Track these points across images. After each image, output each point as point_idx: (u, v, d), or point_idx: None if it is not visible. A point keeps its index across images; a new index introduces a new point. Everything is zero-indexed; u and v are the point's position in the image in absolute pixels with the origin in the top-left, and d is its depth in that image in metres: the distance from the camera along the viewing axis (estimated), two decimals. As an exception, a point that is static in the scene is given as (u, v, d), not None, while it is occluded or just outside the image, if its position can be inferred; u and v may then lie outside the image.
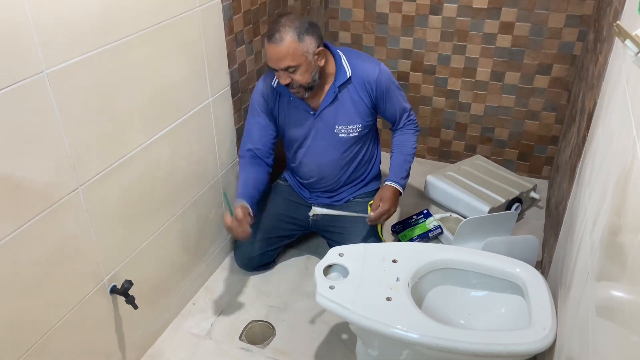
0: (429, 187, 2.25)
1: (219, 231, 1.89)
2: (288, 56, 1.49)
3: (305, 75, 1.54)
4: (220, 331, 1.68)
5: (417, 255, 1.42)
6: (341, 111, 1.68)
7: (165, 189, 1.53)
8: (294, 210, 1.85)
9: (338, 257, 1.43)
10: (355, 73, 1.63)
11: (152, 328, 1.62)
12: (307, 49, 1.51)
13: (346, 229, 1.77)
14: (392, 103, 1.72)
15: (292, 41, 1.48)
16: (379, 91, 1.67)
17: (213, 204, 1.80)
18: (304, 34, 1.49)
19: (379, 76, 1.64)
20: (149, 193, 1.46)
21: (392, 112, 1.75)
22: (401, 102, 1.75)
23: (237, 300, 1.78)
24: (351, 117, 1.69)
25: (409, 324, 1.21)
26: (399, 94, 1.74)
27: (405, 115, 1.78)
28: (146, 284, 1.53)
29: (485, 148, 2.48)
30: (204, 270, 1.85)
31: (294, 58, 1.50)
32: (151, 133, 1.42)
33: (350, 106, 1.67)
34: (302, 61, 1.51)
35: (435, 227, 2.02)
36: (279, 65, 1.52)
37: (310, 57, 1.52)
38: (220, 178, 1.80)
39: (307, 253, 2.00)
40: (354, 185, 1.84)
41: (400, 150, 1.78)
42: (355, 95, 1.67)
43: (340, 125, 1.70)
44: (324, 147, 1.74)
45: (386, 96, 1.69)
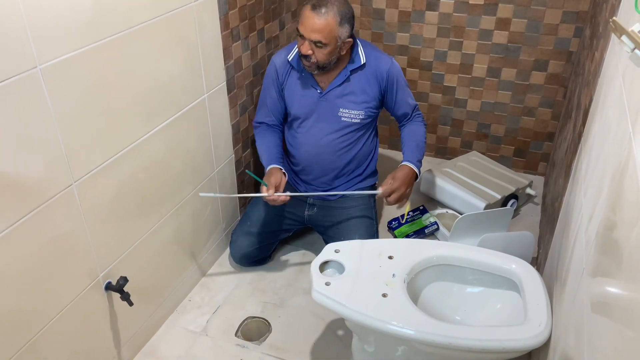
0: (425, 183, 2.25)
1: (215, 227, 1.89)
2: (324, 32, 1.52)
3: (328, 56, 1.58)
4: (216, 328, 1.67)
5: (413, 252, 1.42)
6: (348, 95, 1.70)
7: (160, 185, 1.52)
8: (290, 204, 1.85)
9: (334, 253, 1.42)
10: (369, 62, 1.67)
11: (147, 324, 1.61)
12: (341, 35, 1.54)
13: (342, 224, 1.77)
14: (402, 96, 1.76)
15: (333, 20, 1.51)
16: (389, 83, 1.70)
17: (209, 200, 1.80)
18: (345, 19, 1.53)
19: (390, 68, 1.68)
20: (144, 189, 1.45)
21: (401, 105, 1.77)
22: (410, 97, 1.80)
23: (233, 296, 1.78)
24: (357, 103, 1.71)
25: (405, 320, 1.21)
26: (408, 90, 1.78)
27: (414, 109, 1.82)
28: (141, 280, 1.52)
29: (482, 144, 2.48)
30: (200, 266, 1.85)
31: (327, 36, 1.53)
32: (146, 129, 1.41)
33: (359, 92, 1.70)
34: (332, 43, 1.55)
35: (431, 223, 2.02)
36: (311, 36, 1.54)
37: (339, 43, 1.56)
38: (216, 174, 1.80)
39: (303, 249, 2.00)
40: (349, 180, 1.83)
41: (412, 138, 1.79)
42: (365, 82, 1.69)
43: (344, 108, 1.72)
44: (324, 128, 1.75)
45: (396, 89, 1.72)
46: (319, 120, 1.75)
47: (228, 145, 1.84)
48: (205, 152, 1.71)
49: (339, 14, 1.52)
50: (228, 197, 1.89)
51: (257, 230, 1.82)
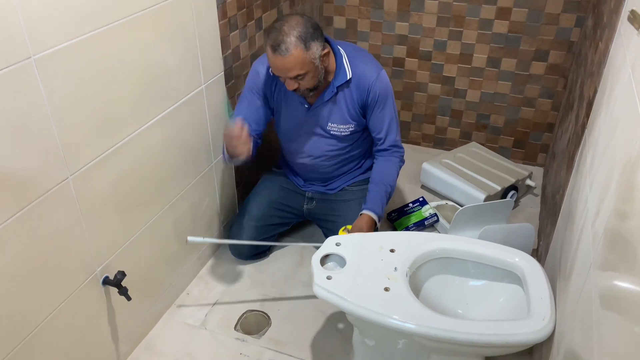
0: (424, 174, 2.23)
1: (213, 220, 1.86)
2: (297, 66, 1.43)
3: (313, 79, 1.51)
4: (214, 321, 1.66)
5: (415, 245, 1.40)
6: (335, 111, 1.63)
7: (157, 178, 1.49)
8: (288, 197, 1.83)
9: (335, 246, 1.41)
10: (355, 75, 1.57)
11: (145, 319, 1.60)
12: (314, 55, 1.45)
13: (342, 217, 1.75)
14: (380, 115, 1.63)
15: (299, 51, 1.41)
16: (371, 98, 1.60)
17: (206, 193, 1.77)
18: (309, 40, 1.42)
19: (375, 82, 1.58)
20: (141, 182, 1.43)
21: (377, 125, 1.65)
22: (391, 120, 1.65)
23: (231, 289, 1.76)
24: (344, 118, 1.64)
25: (407, 315, 1.19)
26: (391, 111, 1.64)
27: (392, 139, 1.67)
28: (139, 274, 1.50)
29: (481, 135, 2.46)
30: (198, 259, 1.83)
31: (302, 67, 1.44)
32: (143, 120, 1.38)
33: (344, 108, 1.62)
34: (310, 68, 1.46)
35: (431, 215, 2.01)
36: (287, 75, 1.47)
37: (317, 62, 1.47)
38: (214, 166, 1.77)
39: (302, 241, 1.98)
40: (349, 173, 1.81)
41: (382, 179, 1.67)
42: (350, 97, 1.60)
43: (333, 123, 1.66)
44: (315, 141, 1.71)
45: (376, 105, 1.61)
46: (309, 133, 1.70)
47: (226, 136, 1.81)
48: (203, 144, 1.69)
49: (301, 40, 1.40)
50: (216, 242, 1.88)
51: (255, 224, 1.80)
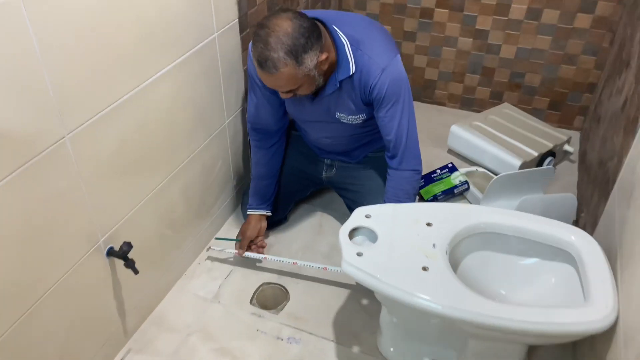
0: (453, 138, 2.06)
1: (225, 184, 1.71)
2: (288, 83, 1.22)
3: (309, 88, 1.29)
4: (228, 294, 1.53)
5: (455, 218, 1.25)
6: (341, 103, 1.41)
7: (165, 138, 1.33)
8: (307, 164, 1.67)
9: (365, 219, 1.26)
10: (358, 69, 1.30)
11: (154, 290, 1.47)
12: (308, 67, 1.20)
13: (365, 187, 1.59)
14: (388, 115, 1.34)
15: (289, 68, 1.17)
16: (375, 97, 1.33)
17: (219, 155, 1.62)
18: (301, 54, 1.17)
19: (379, 79, 1.29)
20: (147, 142, 1.27)
21: (385, 125, 1.36)
22: (401, 120, 1.35)
23: (246, 260, 1.63)
24: (351, 110, 1.42)
25: (452, 299, 1.05)
26: (403, 110, 1.34)
27: (403, 143, 1.38)
28: (147, 244, 1.37)
29: (513, 95, 2.27)
30: (210, 226, 1.69)
31: (294, 82, 1.22)
32: (149, 73, 1.21)
33: (349, 102, 1.40)
34: (304, 80, 1.23)
35: (461, 182, 1.85)
36: (279, 89, 1.27)
37: (312, 73, 1.22)
38: (227, 126, 1.61)
39: (320, 209, 1.83)
40: (373, 143, 1.61)
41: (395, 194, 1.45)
42: (354, 93, 1.35)
43: (340, 113, 1.44)
44: (329, 126, 1.51)
45: (382, 104, 1.33)
46: (320, 121, 1.50)
47: (239, 93, 1.64)
48: (215, 100, 1.51)
49: (291, 55, 1.16)
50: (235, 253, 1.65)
51: (272, 190, 1.65)
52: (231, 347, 1.39)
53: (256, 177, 1.60)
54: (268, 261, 1.60)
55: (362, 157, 1.64)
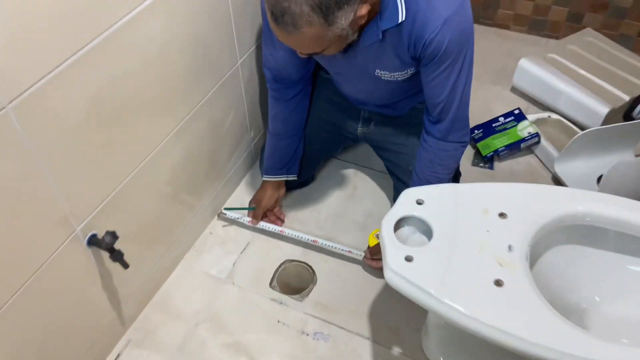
0: (521, 74, 1.67)
1: (241, 138, 1.42)
2: (311, 45, 0.88)
3: (340, 47, 0.94)
4: (245, 273, 1.29)
5: (538, 205, 0.94)
6: (383, 58, 1.05)
7: (160, 87, 1.02)
8: (339, 116, 1.34)
9: (415, 205, 0.95)
10: (410, 17, 0.93)
11: (157, 270, 1.24)
12: (341, 27, 0.85)
13: (410, 147, 1.26)
14: (440, 78, 1.02)
15: (315, 29, 0.83)
16: (429, 54, 0.97)
17: (231, 104, 1.30)
18: (334, 10, 0.81)
19: (438, 33, 0.93)
20: (135, 95, 0.96)
21: (434, 89, 1.05)
22: (455, 85, 1.03)
23: (265, 231, 1.37)
24: (396, 66, 1.06)
25: (542, 334, 0.77)
26: (460, 74, 1.01)
27: (453, 113, 1.07)
28: (142, 222, 1.11)
29: (596, 18, 1.82)
30: (223, 188, 1.41)
31: (320, 44, 0.89)
32: (126, 6, 0.88)
33: (394, 56, 1.03)
34: (333, 41, 0.89)
35: (530, 134, 1.50)
36: (296, 49, 0.92)
37: (346, 31, 0.87)
38: (240, 66, 1.27)
39: (354, 166, 1.53)
40: (419, 93, 1.20)
41: (426, 178, 1.16)
42: (400, 46, 0.99)
43: (381, 70, 1.08)
44: (365, 82, 1.16)
45: (434, 64, 0.99)
46: (354, 76, 1.16)
47: (256, 22, 1.29)
48: (223, 35, 1.17)
49: (318, 12, 0.80)
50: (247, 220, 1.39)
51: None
52: (246, 341, 1.17)
53: (274, 135, 1.29)
54: (285, 235, 1.34)
55: (408, 109, 1.29)
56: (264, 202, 1.34)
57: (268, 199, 1.34)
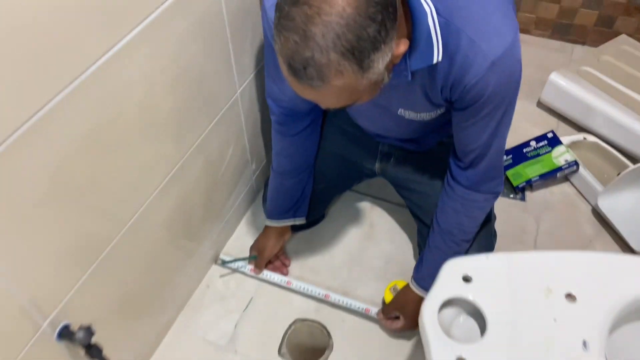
0: (550, 90, 1.49)
1: (241, 173, 1.23)
2: (342, 97, 0.68)
3: (372, 95, 0.73)
4: (248, 338, 1.11)
5: (612, 281, 0.77)
6: (409, 99, 0.87)
7: (144, 136, 0.83)
8: (354, 150, 1.16)
9: (462, 283, 0.78)
10: (447, 56, 0.74)
11: (145, 343, 1.06)
12: (379, 69, 0.65)
13: (436, 187, 1.08)
14: (478, 126, 0.85)
15: (347, 79, 0.63)
16: (468, 101, 0.80)
17: (230, 138, 1.11)
18: (369, 53, 0.61)
19: (481, 79, 0.75)
20: (113, 152, 0.77)
21: (467, 137, 0.88)
22: (493, 135, 0.86)
23: (271, 283, 1.19)
24: (423, 107, 0.89)
25: None
26: (500, 124, 0.85)
27: (487, 164, 0.91)
28: (124, 295, 0.93)
29: (629, 22, 1.65)
30: (221, 232, 1.23)
31: (352, 95, 0.68)
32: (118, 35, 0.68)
33: (424, 98, 0.85)
34: (367, 89, 0.69)
35: (568, 163, 1.33)
36: (323, 106, 0.72)
37: (382, 76, 0.68)
38: (239, 96, 1.08)
39: (369, 199, 1.35)
40: (446, 126, 1.00)
41: (451, 237, 1.00)
42: (433, 88, 0.82)
43: (408, 110, 0.91)
44: (385, 121, 0.99)
45: (473, 111, 0.82)
46: (372, 115, 1.00)
47: (255, 42, 1.09)
48: (220, 62, 0.98)
49: (351, 57, 0.60)
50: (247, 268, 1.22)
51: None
52: None
53: (278, 173, 1.11)
54: (293, 288, 1.16)
55: (435, 143, 1.11)
56: (267, 252, 1.16)
57: (272, 247, 1.17)
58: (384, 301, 1.12)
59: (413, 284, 1.05)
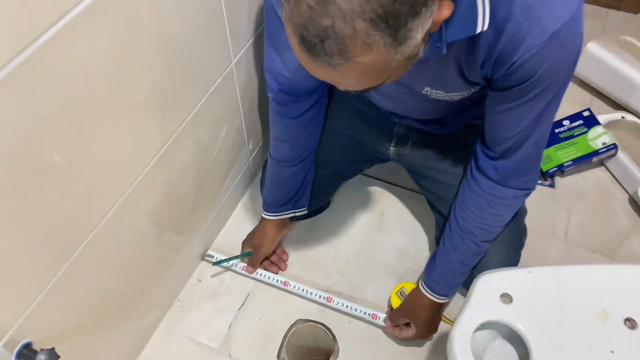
0: (587, 62, 1.32)
1: (236, 154, 1.08)
2: (368, 77, 0.53)
3: (401, 73, 0.58)
4: (244, 341, 1.00)
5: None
6: (440, 75, 0.72)
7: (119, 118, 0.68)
8: (365, 130, 1.01)
9: (500, 302, 0.65)
10: (497, 26, 0.59)
11: (127, 345, 0.94)
12: (416, 40, 0.49)
13: (458, 177, 0.93)
14: (521, 110, 0.70)
15: (378, 53, 0.48)
16: (515, 79, 0.65)
17: (224, 116, 0.96)
18: (407, 20, 0.46)
19: (532, 59, 0.61)
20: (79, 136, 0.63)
21: (506, 123, 0.74)
22: (536, 124, 0.71)
23: (270, 279, 1.06)
24: (456, 86, 0.73)
25: None
26: (547, 108, 0.69)
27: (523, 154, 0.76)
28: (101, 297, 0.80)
29: (675, -15, 1.47)
30: (214, 221, 1.10)
31: (381, 74, 0.54)
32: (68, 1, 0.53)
33: (457, 75, 0.70)
34: (400, 66, 0.53)
35: (606, 146, 1.18)
36: (342, 87, 0.57)
37: (418, 48, 0.52)
38: (234, 67, 0.92)
39: (380, 183, 1.21)
40: (474, 107, 0.89)
41: (471, 237, 0.86)
42: (471, 63, 0.66)
43: (435, 89, 0.76)
44: (407, 100, 0.83)
45: (509, 95, 0.68)
46: (391, 93, 0.84)
47: (252, 11, 0.93)
48: (213, 33, 0.82)
49: (382, 25, 0.45)
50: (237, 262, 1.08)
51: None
52: None
53: (276, 161, 0.96)
54: (290, 290, 1.04)
55: (461, 125, 0.96)
56: (264, 249, 1.03)
57: (269, 243, 1.03)
58: (391, 306, 1.00)
59: (423, 287, 0.92)
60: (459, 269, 0.89)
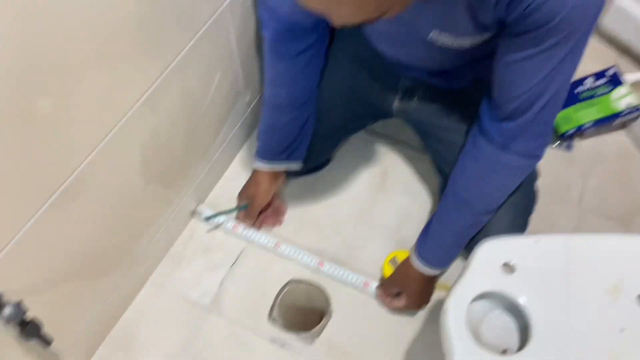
0: (617, 16, 1.22)
1: (233, 103, 1.02)
2: (364, 5, 0.47)
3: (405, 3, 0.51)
4: (235, 299, 0.96)
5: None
6: (448, 16, 0.66)
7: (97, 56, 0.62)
8: (368, 82, 0.93)
9: (501, 272, 0.60)
10: None
11: (113, 299, 0.91)
12: None
13: (461, 135, 0.86)
14: (535, 61, 0.63)
15: None
16: (529, 23, 0.58)
17: (217, 62, 0.90)
18: None
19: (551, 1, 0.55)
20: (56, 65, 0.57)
21: (517, 77, 0.66)
22: (551, 80, 0.64)
23: (264, 237, 1.02)
24: (466, 30, 0.67)
25: None
26: (565, 60, 0.62)
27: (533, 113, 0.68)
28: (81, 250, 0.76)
29: None
30: (209, 173, 1.05)
31: (378, 3, 0.48)
32: None
33: (466, 16, 0.64)
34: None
35: (630, 108, 1.09)
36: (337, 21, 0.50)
37: None
38: (228, 6, 0.85)
39: (384, 140, 1.14)
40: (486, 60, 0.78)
41: (468, 208, 0.79)
42: (484, 4, 0.60)
43: (441, 32, 0.69)
44: (413, 48, 0.78)
45: (524, 43, 0.61)
46: (395, 37, 0.80)
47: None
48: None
49: None
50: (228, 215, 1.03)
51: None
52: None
53: (271, 106, 0.90)
54: (280, 252, 0.99)
55: (472, 79, 0.88)
56: (259, 200, 0.98)
57: (264, 194, 0.98)
58: (383, 275, 0.95)
59: (415, 256, 0.87)
60: (454, 240, 0.83)
